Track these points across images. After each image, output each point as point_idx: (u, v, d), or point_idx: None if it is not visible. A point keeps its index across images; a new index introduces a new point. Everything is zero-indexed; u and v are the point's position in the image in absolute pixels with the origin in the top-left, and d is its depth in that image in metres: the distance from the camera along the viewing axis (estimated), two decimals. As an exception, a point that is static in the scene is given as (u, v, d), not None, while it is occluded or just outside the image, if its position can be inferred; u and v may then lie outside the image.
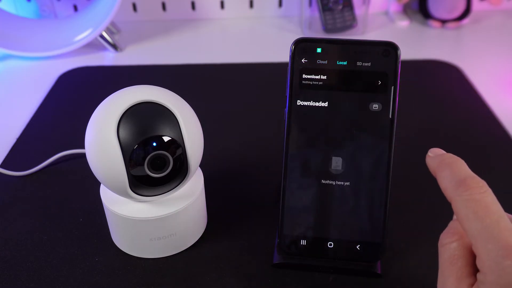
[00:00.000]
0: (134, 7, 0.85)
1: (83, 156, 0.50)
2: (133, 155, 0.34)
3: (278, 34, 0.82)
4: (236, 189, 0.47)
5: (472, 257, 0.26)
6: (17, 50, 0.73)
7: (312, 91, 0.36)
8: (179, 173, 0.36)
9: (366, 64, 0.35)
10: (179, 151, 0.35)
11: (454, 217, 0.28)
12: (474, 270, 0.25)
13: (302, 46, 0.36)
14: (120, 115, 0.34)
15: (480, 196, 0.24)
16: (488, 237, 0.23)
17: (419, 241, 0.41)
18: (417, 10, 0.86)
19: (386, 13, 0.87)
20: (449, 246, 0.26)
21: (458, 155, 0.27)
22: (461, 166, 0.26)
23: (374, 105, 0.35)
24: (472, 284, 0.25)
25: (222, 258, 0.40)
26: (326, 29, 0.78)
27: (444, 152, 0.28)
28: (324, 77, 0.36)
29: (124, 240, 0.40)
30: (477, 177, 0.25)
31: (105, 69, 0.72)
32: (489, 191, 0.25)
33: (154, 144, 0.34)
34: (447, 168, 0.26)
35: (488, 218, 0.23)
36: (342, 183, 0.36)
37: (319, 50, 0.36)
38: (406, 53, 0.45)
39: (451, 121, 0.57)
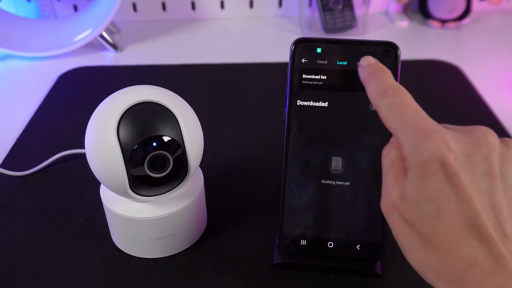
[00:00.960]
0: (134, 7, 0.85)
1: (83, 156, 0.50)
2: (133, 155, 0.34)
3: (278, 34, 0.82)
4: (236, 189, 0.47)
5: None
6: (17, 50, 0.73)
7: (312, 91, 0.36)
8: (179, 173, 0.36)
9: (366, 64, 0.35)
10: (179, 151, 0.35)
11: None
12: None
13: (302, 46, 0.36)
14: (120, 115, 0.34)
15: (399, 99, 0.27)
16: (407, 128, 0.26)
17: (419, 241, 0.40)
18: (417, 10, 0.86)
19: (386, 13, 0.87)
20: (388, 155, 0.28)
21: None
22: (386, 76, 0.29)
23: (374, 105, 0.35)
24: None
25: (222, 258, 0.40)
26: (326, 29, 0.78)
27: (375, 61, 0.30)
28: (324, 77, 0.36)
29: (124, 240, 0.40)
30: (398, 86, 0.28)
31: (105, 69, 0.72)
32: (409, 95, 0.28)
33: (154, 144, 0.34)
34: (374, 78, 0.29)
35: (406, 114, 0.27)
36: (342, 183, 0.36)
37: (319, 50, 0.36)
38: (406, 53, 0.45)
39: (451, 121, 0.56)
